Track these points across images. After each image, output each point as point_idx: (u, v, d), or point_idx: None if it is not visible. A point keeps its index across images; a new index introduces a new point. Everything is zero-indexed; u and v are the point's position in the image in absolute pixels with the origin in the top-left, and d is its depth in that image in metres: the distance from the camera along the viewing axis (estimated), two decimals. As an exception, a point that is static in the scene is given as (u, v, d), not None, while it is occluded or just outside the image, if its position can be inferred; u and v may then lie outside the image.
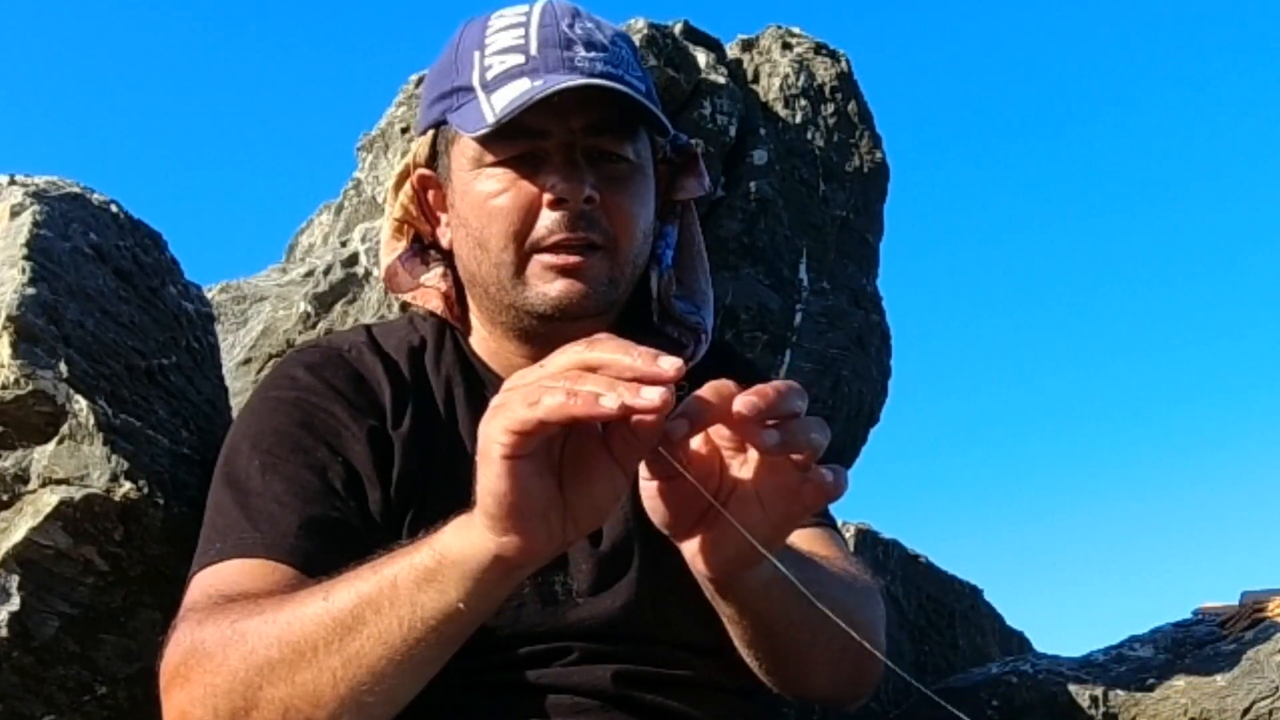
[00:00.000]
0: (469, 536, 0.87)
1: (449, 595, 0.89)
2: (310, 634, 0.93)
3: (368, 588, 0.92)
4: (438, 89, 1.24)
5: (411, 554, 0.91)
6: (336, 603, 0.93)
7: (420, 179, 1.27)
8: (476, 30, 1.22)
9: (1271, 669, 1.63)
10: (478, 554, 0.87)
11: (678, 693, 1.16)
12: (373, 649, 0.91)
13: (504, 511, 0.83)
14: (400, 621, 0.90)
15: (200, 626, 1.00)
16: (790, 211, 2.15)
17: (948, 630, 2.53)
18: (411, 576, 0.90)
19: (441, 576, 0.89)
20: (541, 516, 0.84)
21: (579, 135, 1.17)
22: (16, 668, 1.31)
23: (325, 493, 1.11)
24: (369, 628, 0.91)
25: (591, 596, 1.15)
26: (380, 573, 0.92)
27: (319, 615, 0.93)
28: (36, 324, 1.35)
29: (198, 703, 0.97)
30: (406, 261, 1.31)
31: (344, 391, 1.19)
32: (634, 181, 1.20)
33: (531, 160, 1.17)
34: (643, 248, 1.23)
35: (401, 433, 1.18)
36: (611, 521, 1.18)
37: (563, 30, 1.18)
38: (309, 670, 0.93)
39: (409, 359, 1.24)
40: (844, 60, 2.31)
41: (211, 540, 1.10)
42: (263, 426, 1.17)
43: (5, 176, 1.52)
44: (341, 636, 0.92)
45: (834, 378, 2.18)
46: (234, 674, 0.95)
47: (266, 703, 0.94)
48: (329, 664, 0.92)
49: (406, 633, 0.91)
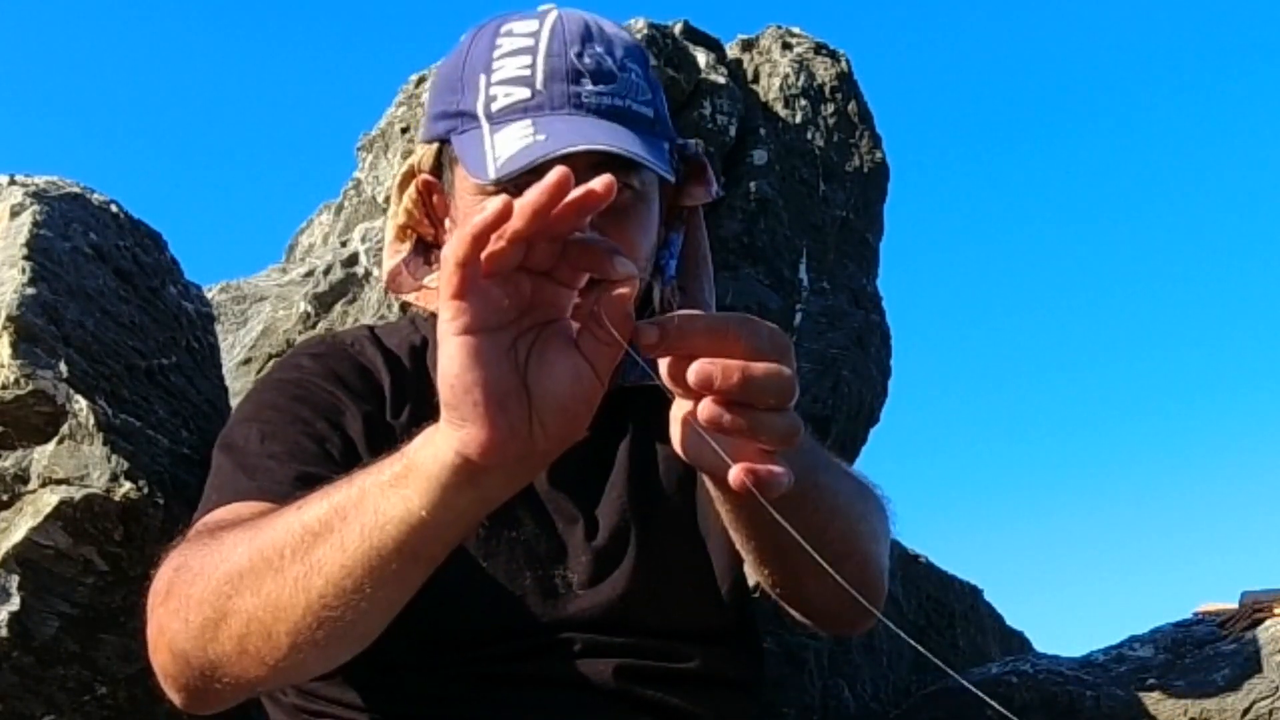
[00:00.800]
0: (434, 439, 0.84)
1: (412, 501, 0.85)
2: (279, 542, 0.91)
3: (339, 496, 0.90)
4: (442, 104, 1.22)
5: (385, 461, 0.89)
6: (308, 511, 0.91)
7: (425, 184, 1.27)
8: (484, 48, 1.19)
9: (1271, 669, 1.63)
10: (441, 455, 0.83)
11: (680, 686, 1.16)
12: (333, 556, 0.88)
13: (459, 396, 0.79)
14: (362, 527, 0.87)
15: (187, 547, 1.00)
16: (790, 211, 2.15)
17: (948, 630, 2.53)
18: (378, 483, 0.87)
19: (406, 482, 0.86)
20: (500, 405, 0.80)
21: (583, 171, 1.15)
22: (16, 668, 1.31)
23: (322, 457, 1.12)
24: (333, 535, 0.88)
25: (590, 588, 1.16)
26: (353, 481, 0.90)
27: (289, 524, 0.91)
28: (36, 324, 1.35)
29: (174, 615, 0.96)
30: (409, 263, 1.31)
31: (346, 378, 1.20)
32: (637, 211, 1.18)
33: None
34: (643, 272, 1.22)
35: (401, 422, 1.18)
36: (608, 513, 1.19)
37: (571, 61, 1.15)
38: (273, 578, 0.90)
39: (410, 355, 1.25)
40: (844, 60, 2.31)
41: (209, 496, 1.11)
42: (263, 403, 1.18)
43: (5, 176, 1.52)
44: (308, 544, 0.89)
45: (834, 378, 2.18)
46: (208, 583, 0.94)
47: (234, 612, 0.92)
48: (291, 572, 0.90)
49: (365, 539, 0.87)
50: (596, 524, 1.19)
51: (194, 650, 0.95)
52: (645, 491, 1.21)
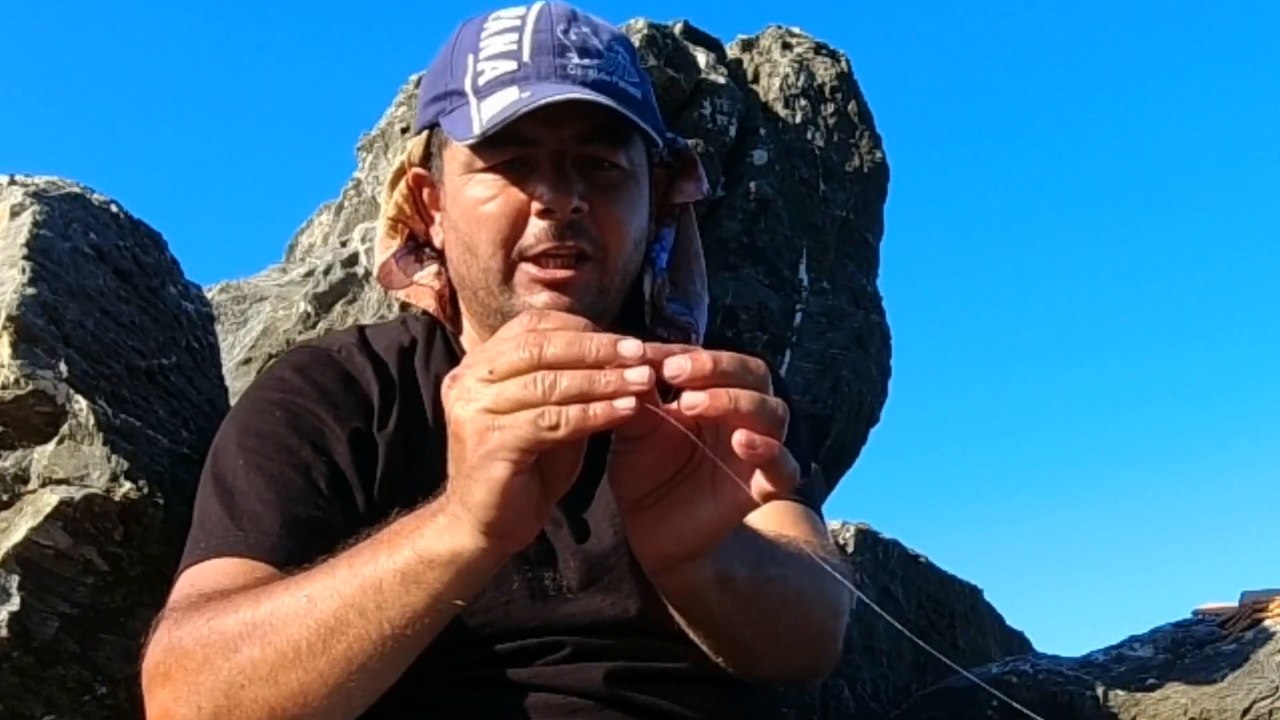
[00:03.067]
0: (456, 538, 0.88)
1: (438, 592, 0.90)
2: (294, 637, 0.94)
3: (349, 591, 0.93)
4: (432, 90, 1.24)
5: (390, 553, 0.92)
6: (319, 606, 0.93)
7: (415, 178, 1.28)
8: (472, 32, 1.22)
9: (1271, 669, 1.63)
10: (466, 553, 0.88)
11: (672, 689, 1.16)
12: (361, 649, 0.92)
13: (499, 517, 0.85)
14: (389, 622, 0.91)
15: (178, 625, 1.01)
16: (790, 211, 2.15)
17: (948, 630, 2.53)
18: (396, 580, 0.91)
19: (429, 578, 0.90)
20: (537, 512, 0.86)
21: (570, 143, 1.17)
22: (16, 668, 1.31)
23: (308, 491, 1.12)
24: (354, 629, 0.92)
25: (580, 591, 1.15)
26: (360, 574, 0.93)
27: (302, 618, 0.94)
28: (36, 324, 1.35)
29: (181, 701, 0.97)
30: (400, 260, 1.32)
31: (331, 392, 1.20)
32: (626, 189, 1.20)
33: (522, 166, 1.17)
34: (633, 255, 1.23)
35: (387, 433, 1.19)
36: (598, 516, 1.19)
37: (557, 36, 1.18)
38: (294, 672, 0.93)
39: (398, 359, 1.25)
40: (844, 60, 2.31)
41: (197, 540, 1.11)
42: (249, 427, 1.18)
43: (5, 176, 1.52)
44: (326, 639, 0.93)
45: (834, 378, 2.18)
46: (216, 673, 0.96)
47: (250, 702, 0.95)
48: (315, 666, 0.93)
49: (395, 631, 0.92)
50: (586, 527, 1.18)
51: None
52: None
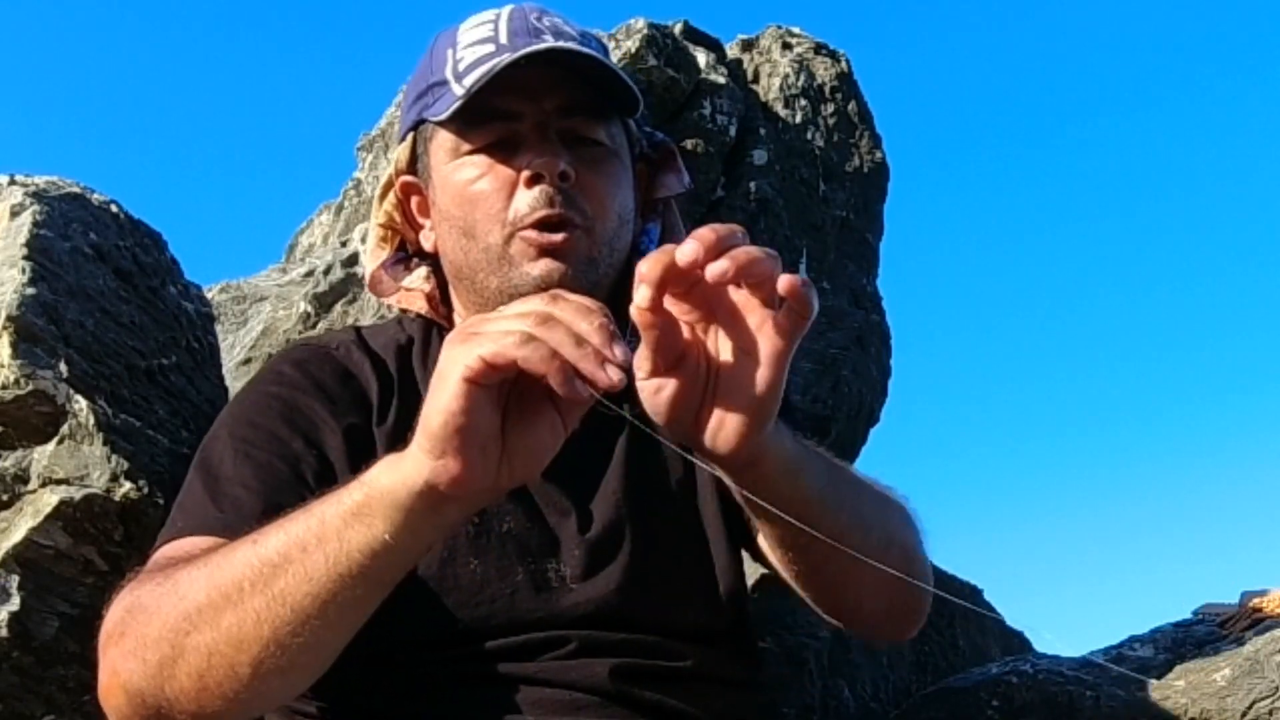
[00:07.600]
0: (401, 467, 0.87)
1: (376, 529, 0.88)
2: (237, 576, 0.92)
3: (297, 528, 0.92)
4: (414, 92, 1.28)
5: (345, 493, 0.91)
6: (265, 545, 0.92)
7: (404, 186, 1.31)
8: (448, 34, 1.26)
9: (1271, 669, 1.63)
10: (408, 482, 0.86)
11: (677, 687, 1.15)
12: (297, 587, 0.90)
13: (448, 433, 0.83)
14: (326, 558, 0.89)
15: (139, 585, 1.00)
16: (790, 211, 2.15)
17: (948, 630, 2.53)
18: (339, 512, 0.90)
19: (370, 510, 0.88)
20: (481, 448, 0.85)
21: (552, 116, 1.20)
22: (16, 668, 1.31)
23: (294, 483, 1.11)
24: (295, 566, 0.90)
25: (584, 581, 1.15)
26: (311, 512, 0.92)
27: (247, 558, 0.93)
28: (36, 324, 1.35)
29: (129, 655, 0.96)
30: (390, 268, 1.33)
31: (328, 387, 1.20)
32: (609, 164, 1.23)
33: (507, 144, 1.20)
34: (620, 231, 1.24)
35: (385, 429, 1.19)
36: (602, 506, 1.19)
37: (531, 23, 1.22)
38: (233, 612, 0.92)
39: (396, 356, 1.26)
40: (844, 60, 2.31)
41: (175, 519, 1.11)
42: (242, 417, 1.18)
43: (5, 176, 1.52)
44: (267, 577, 0.91)
45: (834, 378, 2.18)
46: (164, 622, 0.95)
47: (192, 649, 0.93)
48: (253, 604, 0.91)
49: (332, 569, 0.89)
50: (590, 516, 1.18)
51: (150, 689, 0.96)
52: (643, 486, 1.20)
